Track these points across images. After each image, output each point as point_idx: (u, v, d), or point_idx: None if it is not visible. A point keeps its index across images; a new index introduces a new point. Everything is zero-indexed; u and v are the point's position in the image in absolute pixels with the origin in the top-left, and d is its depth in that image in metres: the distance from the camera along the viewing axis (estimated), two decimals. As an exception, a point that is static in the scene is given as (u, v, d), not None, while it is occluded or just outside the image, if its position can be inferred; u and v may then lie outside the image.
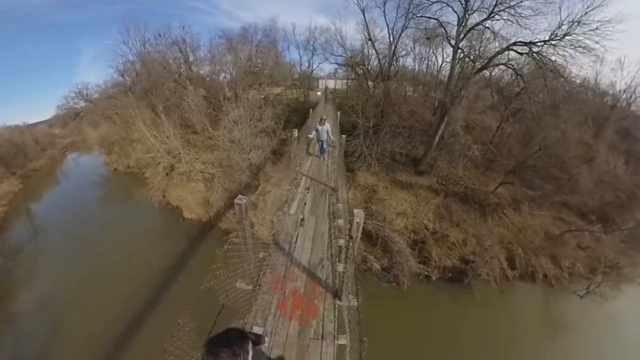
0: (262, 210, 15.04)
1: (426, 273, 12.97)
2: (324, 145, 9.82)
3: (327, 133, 9.48)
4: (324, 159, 9.85)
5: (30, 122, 43.99)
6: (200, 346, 1.58)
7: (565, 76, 14.46)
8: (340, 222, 5.33)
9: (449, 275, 13.05)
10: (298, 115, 21.99)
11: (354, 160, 16.40)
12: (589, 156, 19.39)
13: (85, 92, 42.53)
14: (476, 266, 12.75)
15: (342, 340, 3.23)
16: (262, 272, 3.80)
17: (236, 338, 1.52)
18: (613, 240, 14.89)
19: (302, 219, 5.46)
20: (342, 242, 4.71)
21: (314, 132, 9.83)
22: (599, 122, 21.95)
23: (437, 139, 16.47)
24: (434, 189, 16.37)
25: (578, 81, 21.08)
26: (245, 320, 3.19)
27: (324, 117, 9.58)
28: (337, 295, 3.79)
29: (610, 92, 24.53)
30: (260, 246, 4.32)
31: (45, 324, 10.87)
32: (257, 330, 3.08)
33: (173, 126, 19.40)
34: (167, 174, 19.69)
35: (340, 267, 4.14)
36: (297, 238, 5.00)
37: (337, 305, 3.65)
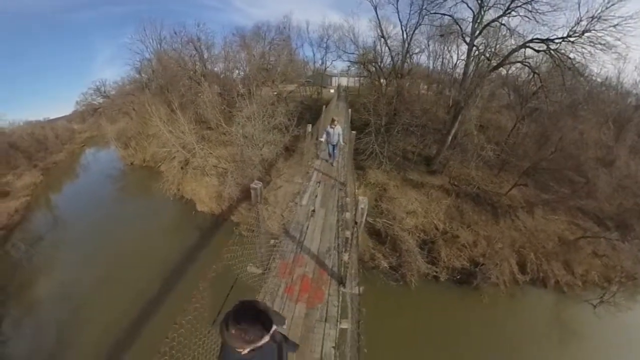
0: (273, 205, 15.37)
1: (434, 273, 12.96)
2: (335, 150, 9.18)
3: (339, 136, 8.81)
4: (332, 164, 9.24)
5: (51, 118, 46.21)
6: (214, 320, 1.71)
7: (585, 75, 14.04)
8: (348, 215, 5.56)
9: (458, 277, 13.00)
10: (311, 112, 22.26)
11: (365, 158, 16.47)
12: (609, 159, 18.74)
13: (102, 88, 44.27)
14: (486, 268, 12.66)
15: (345, 325, 3.47)
16: (272, 257, 4.01)
17: (264, 313, 1.47)
18: (631, 249, 14.20)
19: (313, 211, 5.79)
20: (348, 233, 4.93)
21: (324, 135, 9.04)
22: (620, 123, 21.02)
23: (450, 138, 16.37)
24: (445, 189, 16.31)
25: (599, 80, 20.47)
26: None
27: (336, 119, 8.92)
28: (341, 282, 4.03)
29: (634, 92, 23.52)
30: (271, 235, 4.52)
31: (65, 310, 11.30)
32: None
33: (188, 122, 19.97)
34: (181, 168, 20.39)
35: (345, 257, 4.35)
36: (307, 227, 5.31)
37: (341, 292, 3.88)
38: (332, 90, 30.26)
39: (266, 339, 1.46)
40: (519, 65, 16.33)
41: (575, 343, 10.51)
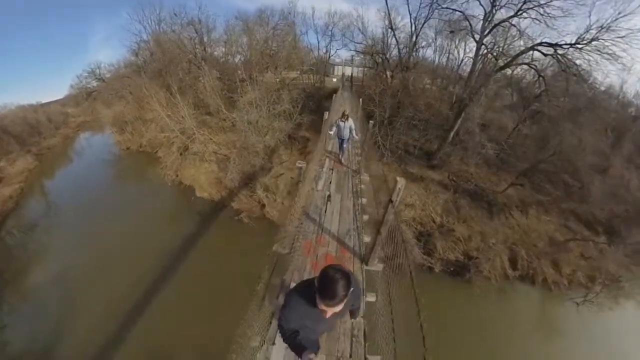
0: (274, 193, 15.65)
1: (430, 264, 13.52)
2: (344, 145, 8.72)
3: (350, 130, 8.37)
4: (341, 160, 8.81)
5: (44, 102, 44.83)
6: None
7: (589, 82, 14.49)
8: (364, 200, 5.97)
9: (452, 269, 13.56)
10: (314, 100, 22.30)
11: (367, 149, 16.75)
12: (604, 166, 19.45)
13: (98, 71, 43.12)
14: (479, 262, 13.24)
15: (371, 298, 3.81)
16: (295, 237, 4.33)
17: (346, 280, 1.56)
18: (617, 254, 14.96)
19: (329, 196, 6.08)
20: (366, 217, 5.40)
21: (334, 128, 8.55)
22: (619, 132, 21.75)
23: (452, 134, 16.76)
24: (444, 184, 16.79)
25: (602, 88, 21.02)
26: (284, 277, 3.73)
27: (347, 113, 8.43)
28: (363, 260, 4.41)
29: (636, 102, 24.24)
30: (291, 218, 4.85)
31: (62, 296, 11.36)
32: None
33: (187, 106, 19.82)
34: (180, 154, 20.33)
35: (366, 238, 4.76)
36: (325, 211, 5.63)
37: (364, 269, 4.25)
38: (334, 79, 30.18)
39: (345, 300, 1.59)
40: (524, 66, 16.66)
41: (557, 338, 11.09)
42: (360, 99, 12.65)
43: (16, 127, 30.03)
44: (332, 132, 8.67)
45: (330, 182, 6.95)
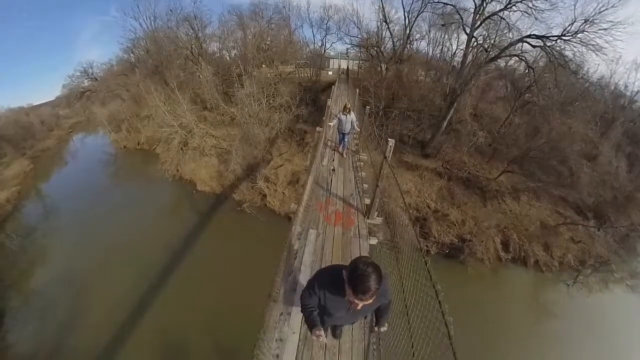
0: (274, 183, 16.43)
1: (425, 247, 14.38)
2: (346, 139, 8.75)
3: (352, 124, 8.40)
4: (342, 154, 8.79)
5: (34, 104, 45.24)
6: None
7: (576, 72, 15.35)
8: (363, 174, 7.24)
9: (446, 251, 14.50)
10: (310, 94, 23.06)
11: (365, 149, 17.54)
12: (593, 154, 20.39)
13: (90, 70, 43.24)
14: (472, 245, 14.12)
15: (373, 241, 4.86)
16: (309, 198, 5.25)
17: (377, 274, 1.61)
18: (606, 239, 15.72)
19: (333, 169, 7.27)
20: (366, 186, 6.57)
21: (335, 121, 8.63)
22: (607, 121, 22.73)
23: (445, 123, 17.65)
24: (438, 172, 17.73)
25: (594, 79, 22.05)
26: (302, 225, 4.75)
27: (349, 106, 8.46)
28: (365, 215, 5.49)
29: (627, 93, 25.31)
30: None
31: (65, 295, 11.66)
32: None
33: (186, 102, 20.42)
34: (180, 149, 21.01)
35: (367, 200, 5.83)
36: (331, 181, 6.78)
37: (367, 222, 5.32)
38: (330, 73, 30.84)
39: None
40: (517, 59, 17.45)
41: (548, 318, 11.77)
42: (357, 90, 13.46)
43: (9, 131, 30.58)
44: (331, 124, 8.83)
45: (334, 160, 8.09)
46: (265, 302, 2.81)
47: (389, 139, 4.45)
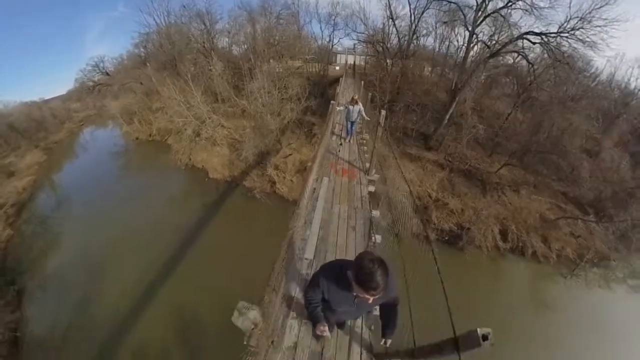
0: (283, 171, 17.61)
1: (425, 233, 15.29)
2: (352, 127, 9.60)
3: (360, 113, 9.21)
4: (349, 140, 9.72)
5: (46, 98, 47.07)
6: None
7: (575, 68, 16.09)
8: (365, 148, 8.87)
9: (446, 238, 15.26)
10: (318, 87, 24.20)
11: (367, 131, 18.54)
12: (595, 150, 20.96)
13: (102, 65, 44.96)
14: (471, 232, 14.79)
15: (371, 188, 6.87)
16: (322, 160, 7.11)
17: (384, 267, 1.67)
18: (606, 235, 15.96)
19: (341, 144, 9.25)
20: (367, 156, 8.17)
21: (342, 107, 9.58)
22: (611, 117, 23.19)
23: (447, 117, 18.61)
24: (440, 164, 18.70)
25: (596, 75, 22.63)
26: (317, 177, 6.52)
27: (356, 98, 9.22)
28: (366, 173, 7.31)
29: (633, 89, 25.71)
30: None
31: (80, 279, 12.26)
32: None
33: (198, 94, 21.72)
34: (193, 139, 22.26)
35: (367, 164, 7.54)
36: (339, 151, 8.81)
37: (367, 178, 7.14)
38: (337, 68, 31.87)
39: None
40: (520, 55, 18.19)
41: (544, 309, 12.05)
42: (362, 82, 14.84)
43: (22, 124, 32.36)
44: (340, 108, 9.87)
45: (341, 136, 9.92)
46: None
47: (381, 110, 5.70)
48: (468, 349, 1.93)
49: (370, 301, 1.76)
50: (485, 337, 1.79)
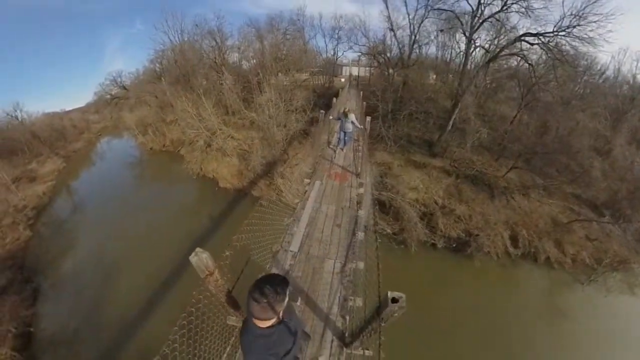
0: (289, 180, 18.03)
1: (432, 241, 14.92)
2: (346, 137, 9.71)
3: (353, 123, 9.25)
4: (342, 149, 10.02)
5: (67, 109, 51.07)
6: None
7: (575, 67, 16.05)
8: (359, 154, 9.22)
9: (454, 246, 14.90)
10: (324, 99, 24.90)
11: (372, 140, 18.85)
12: (606, 149, 20.45)
13: (119, 79, 47.85)
14: (480, 239, 14.45)
15: (361, 190, 7.00)
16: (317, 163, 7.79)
17: (279, 280, 1.75)
18: (625, 236, 15.27)
19: (335, 151, 9.93)
20: (360, 161, 8.63)
21: (336, 118, 10.17)
22: (619, 114, 22.70)
23: (450, 123, 18.77)
24: (446, 170, 18.70)
25: (602, 72, 22.35)
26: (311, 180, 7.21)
27: (347, 110, 9.39)
28: (357, 176, 7.83)
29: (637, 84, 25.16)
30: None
31: (94, 279, 12.79)
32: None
33: (210, 107, 22.82)
34: (204, 150, 23.34)
35: (359, 169, 8.07)
36: (334, 157, 9.46)
37: (357, 180, 7.65)
38: (342, 79, 32.72)
39: (284, 304, 1.73)
40: (521, 58, 18.22)
41: (560, 318, 11.47)
42: (361, 92, 15.42)
43: (44, 133, 34.68)
44: (332, 117, 10.70)
45: (338, 144, 10.37)
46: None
47: (366, 116, 6.25)
48: (383, 309, 2.35)
49: (264, 327, 1.73)
50: (394, 300, 2.14)
